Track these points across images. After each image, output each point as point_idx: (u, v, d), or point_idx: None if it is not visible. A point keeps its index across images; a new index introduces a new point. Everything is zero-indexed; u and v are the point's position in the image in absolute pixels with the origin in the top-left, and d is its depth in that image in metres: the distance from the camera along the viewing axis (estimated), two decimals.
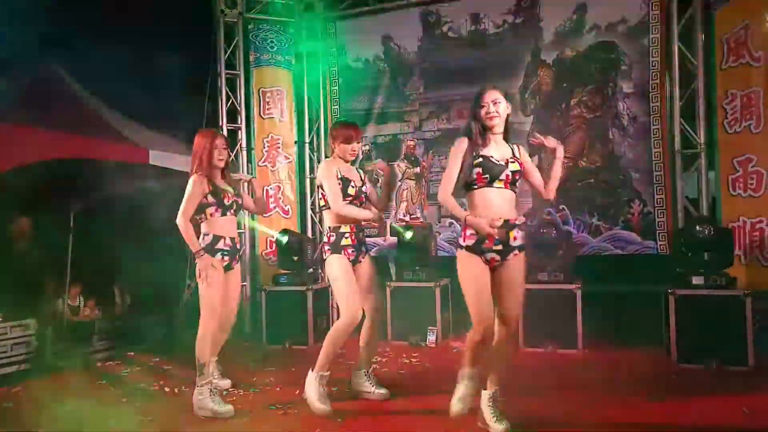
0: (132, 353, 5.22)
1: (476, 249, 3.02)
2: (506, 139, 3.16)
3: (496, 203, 3.02)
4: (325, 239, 3.68)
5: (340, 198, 3.57)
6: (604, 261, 5.56)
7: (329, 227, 3.67)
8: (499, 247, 3.01)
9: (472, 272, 3.03)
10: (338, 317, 3.60)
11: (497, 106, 3.05)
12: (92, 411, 3.71)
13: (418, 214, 6.32)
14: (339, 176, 3.61)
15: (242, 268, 6.28)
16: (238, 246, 3.88)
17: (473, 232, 3.00)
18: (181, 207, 3.62)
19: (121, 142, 5.28)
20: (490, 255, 3.02)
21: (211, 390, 3.59)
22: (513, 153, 3.13)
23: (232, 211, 3.81)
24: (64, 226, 5.32)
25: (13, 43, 5.12)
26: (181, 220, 3.58)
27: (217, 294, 3.66)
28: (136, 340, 5.43)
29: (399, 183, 6.39)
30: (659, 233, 5.43)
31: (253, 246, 6.47)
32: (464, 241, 3.04)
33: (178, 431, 3.39)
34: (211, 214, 3.72)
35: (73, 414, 3.66)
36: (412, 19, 6.30)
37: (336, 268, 3.59)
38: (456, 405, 3.08)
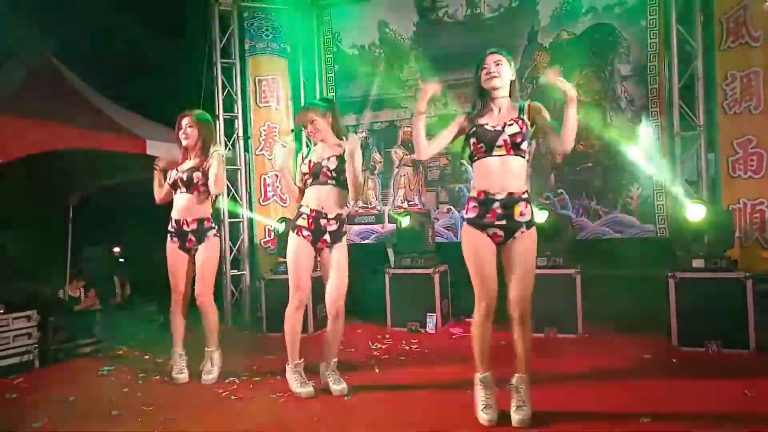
0: (132, 343, 5.23)
1: (477, 223, 2.89)
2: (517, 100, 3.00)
3: (497, 172, 2.85)
4: None
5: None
6: (604, 245, 5.55)
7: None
8: (503, 222, 2.85)
9: (473, 246, 2.89)
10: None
11: (498, 67, 2.93)
12: (94, 401, 3.73)
13: (416, 201, 6.30)
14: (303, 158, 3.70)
15: (241, 257, 6.37)
16: (185, 228, 3.94)
17: (475, 204, 2.90)
18: None
19: (118, 132, 5.26)
20: (492, 230, 2.87)
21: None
22: (518, 114, 2.91)
23: (181, 190, 3.94)
24: (62, 217, 5.31)
25: (10, 34, 5.09)
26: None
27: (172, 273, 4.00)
28: (135, 330, 5.44)
29: (396, 170, 6.37)
30: (658, 216, 5.41)
31: (251, 235, 6.47)
32: (467, 214, 2.94)
33: (178, 419, 3.40)
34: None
35: (74, 404, 3.68)
36: (407, 4, 6.25)
37: (288, 248, 3.72)
38: (480, 416, 2.94)
